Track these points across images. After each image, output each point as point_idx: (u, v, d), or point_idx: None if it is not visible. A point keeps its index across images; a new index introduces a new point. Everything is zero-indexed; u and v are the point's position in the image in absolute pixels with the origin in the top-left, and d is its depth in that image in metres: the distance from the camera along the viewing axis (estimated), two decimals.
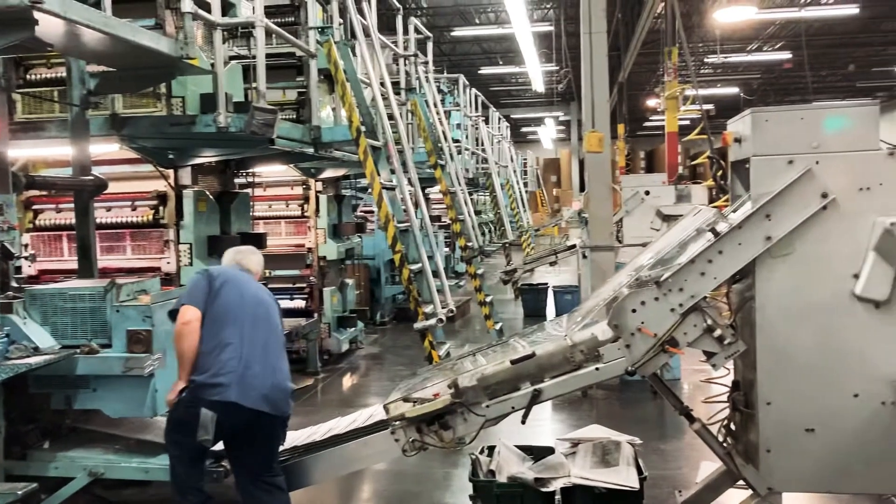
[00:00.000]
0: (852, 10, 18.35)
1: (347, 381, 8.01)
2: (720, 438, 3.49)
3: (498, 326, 8.26)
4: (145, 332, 4.15)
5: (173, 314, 3.81)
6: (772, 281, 3.15)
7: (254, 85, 5.03)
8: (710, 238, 3.23)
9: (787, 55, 22.92)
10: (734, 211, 3.72)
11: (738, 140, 3.46)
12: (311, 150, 6.06)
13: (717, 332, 3.17)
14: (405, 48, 8.60)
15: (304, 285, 8.08)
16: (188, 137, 4.97)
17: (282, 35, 5.54)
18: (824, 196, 3.07)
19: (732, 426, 3.58)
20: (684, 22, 20.08)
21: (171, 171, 5.69)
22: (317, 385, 7.61)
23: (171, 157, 5.59)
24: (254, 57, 5.06)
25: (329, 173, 8.26)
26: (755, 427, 3.22)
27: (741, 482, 3.35)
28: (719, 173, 3.90)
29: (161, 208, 5.78)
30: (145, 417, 4.45)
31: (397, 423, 3.47)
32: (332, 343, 8.26)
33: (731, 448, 3.42)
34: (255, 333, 3.78)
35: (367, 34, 6.69)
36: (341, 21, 6.28)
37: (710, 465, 4.00)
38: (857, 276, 3.06)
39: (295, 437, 4.25)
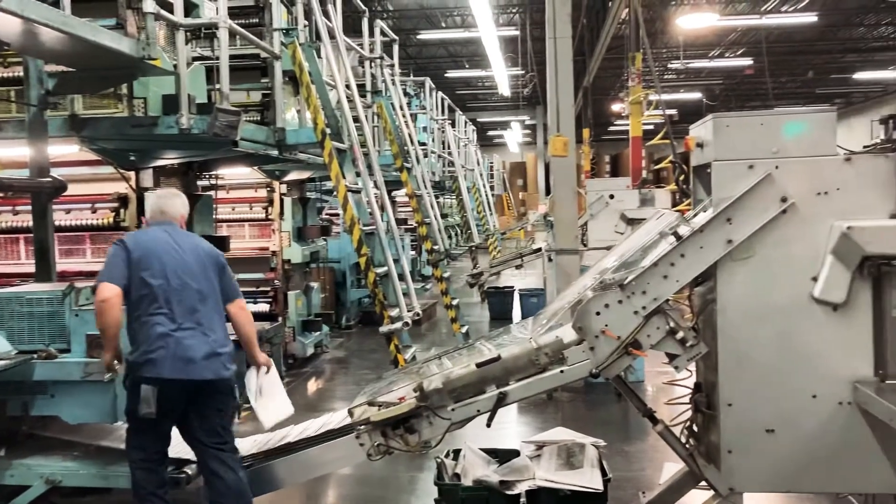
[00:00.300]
0: (811, 18, 18.72)
1: (312, 385, 7.95)
2: (683, 440, 3.53)
3: (464, 330, 8.27)
4: None
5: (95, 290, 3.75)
6: (733, 284, 3.19)
7: (217, 86, 4.98)
8: (672, 242, 3.26)
9: (748, 61, 23.31)
10: (696, 215, 3.76)
11: (699, 145, 3.50)
12: (275, 153, 6.02)
13: (680, 335, 3.19)
14: (371, 51, 8.59)
15: (269, 289, 8.01)
16: (150, 139, 4.91)
17: (245, 36, 5.49)
18: (784, 200, 3.11)
19: (695, 427, 3.62)
20: (648, 28, 20.34)
21: (132, 174, 5.61)
22: None
23: (132, 158, 5.51)
24: (217, 58, 5.01)
25: (294, 176, 8.21)
26: (717, 428, 3.26)
27: (704, 483, 3.39)
28: (682, 178, 3.93)
29: (122, 211, 5.70)
30: (105, 423, 4.37)
31: (362, 427, 3.45)
32: (296, 347, 8.20)
33: (693, 449, 3.46)
34: (182, 301, 3.75)
35: (332, 36, 6.67)
36: (306, 23, 6.25)
37: (673, 467, 4.03)
38: (815, 279, 3.11)
39: (259, 442, 4.21)
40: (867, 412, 3.04)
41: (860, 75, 26.39)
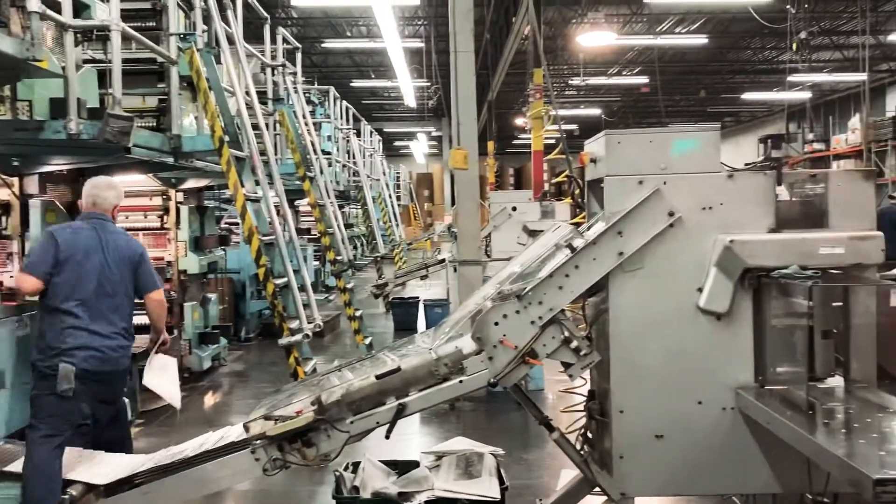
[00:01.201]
0: (702, 40, 19.64)
1: (209, 399, 7.73)
2: (578, 447, 3.62)
3: (368, 341, 8.23)
4: None
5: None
6: (624, 294, 3.29)
7: (109, 90, 4.80)
8: (567, 253, 3.34)
9: (644, 80, 24.21)
10: (590, 228, 3.87)
11: (593, 160, 3.60)
12: (171, 160, 5.85)
13: (574, 344, 3.26)
14: (273, 58, 8.47)
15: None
16: (35, 144, 4.67)
17: (140, 40, 5.31)
18: (671, 214, 3.24)
19: (589, 434, 3.71)
20: (549, 45, 20.91)
21: (14, 179, 5.33)
22: None
23: (15, 163, 5.23)
24: (110, 61, 4.83)
25: (191, 183, 7.99)
26: (609, 435, 3.35)
27: (598, 489, 3.48)
28: (577, 191, 4.04)
29: (4, 218, 5.40)
30: None
31: (258, 441, 3.38)
32: (192, 361, 7.95)
33: (587, 456, 3.55)
34: (98, 301, 4.13)
35: (231, 42, 6.55)
36: (205, 28, 6.11)
37: (569, 473, 4.13)
38: (700, 290, 3.24)
39: (150, 459, 4.05)
40: (748, 417, 3.19)
41: (748, 95, 27.83)
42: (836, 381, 3.22)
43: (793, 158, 25.03)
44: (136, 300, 4.47)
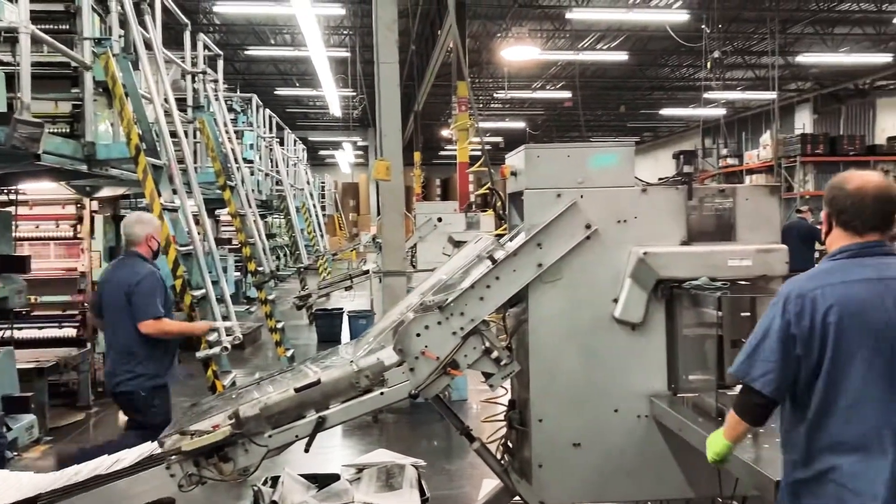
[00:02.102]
0: (622, 56, 20.18)
1: (124, 414, 7.47)
2: (499, 456, 3.65)
3: (289, 353, 8.12)
4: None
5: None
6: (543, 305, 3.35)
7: (18, 94, 4.62)
8: (488, 265, 3.38)
9: (567, 94, 24.70)
10: (511, 239, 3.92)
11: (514, 173, 3.66)
12: (84, 168, 5.65)
13: (495, 354, 3.30)
14: (193, 64, 8.30)
15: (76, 312, 7.48)
16: None
17: (51, 44, 5.14)
18: (588, 227, 3.31)
19: (510, 444, 3.75)
20: (475, 58, 21.14)
21: None
22: (88, 420, 7.05)
23: None
24: (18, 64, 4.65)
25: (107, 192, 7.74)
26: (528, 444, 3.40)
27: (518, 497, 3.51)
28: (499, 204, 4.10)
29: None
30: None
31: (173, 457, 3.29)
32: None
33: (508, 465, 3.58)
34: (109, 334, 4.77)
35: (149, 48, 6.38)
36: (122, 33, 5.95)
37: (490, 483, 4.16)
38: (616, 301, 3.33)
39: (58, 478, 3.89)
40: (661, 424, 3.28)
41: (665, 111, 28.71)
42: None
43: (705, 173, 25.98)
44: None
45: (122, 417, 7.34)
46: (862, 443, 2.19)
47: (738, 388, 3.33)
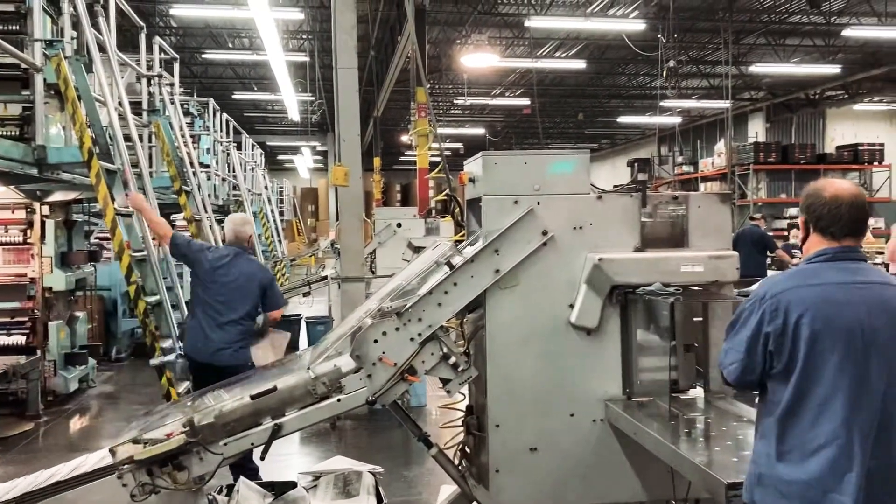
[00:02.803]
0: (580, 64, 20.40)
1: (76, 423, 7.33)
2: (456, 462, 3.65)
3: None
4: None
5: None
6: (500, 311, 3.37)
7: None
8: (446, 271, 3.39)
9: (526, 101, 24.88)
10: (469, 245, 3.94)
11: (472, 180, 3.68)
12: (35, 172, 5.54)
13: (453, 360, 3.30)
14: (149, 67, 8.18)
15: (26, 319, 7.31)
16: None
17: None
18: (545, 234, 3.34)
19: (467, 449, 3.76)
20: (434, 64, 21.19)
21: None
22: (38, 430, 6.88)
23: None
24: None
25: (58, 196, 7.58)
26: (486, 449, 3.41)
27: (476, 503, 3.52)
28: (457, 210, 4.12)
29: None
30: None
31: (125, 466, 3.23)
32: (57, 382, 7.52)
33: (465, 471, 3.59)
34: (225, 311, 5.07)
35: (103, 50, 6.28)
36: (74, 35, 5.84)
37: (448, 489, 4.17)
38: (572, 306, 3.36)
39: (7, 489, 3.80)
40: (616, 428, 3.32)
41: (622, 119, 29.10)
42: (697, 393, 3.42)
43: (661, 180, 26.39)
44: None
45: (74, 427, 7.22)
46: (830, 443, 2.25)
47: (691, 391, 3.43)
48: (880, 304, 2.32)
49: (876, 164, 23.17)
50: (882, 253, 13.00)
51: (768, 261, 11.37)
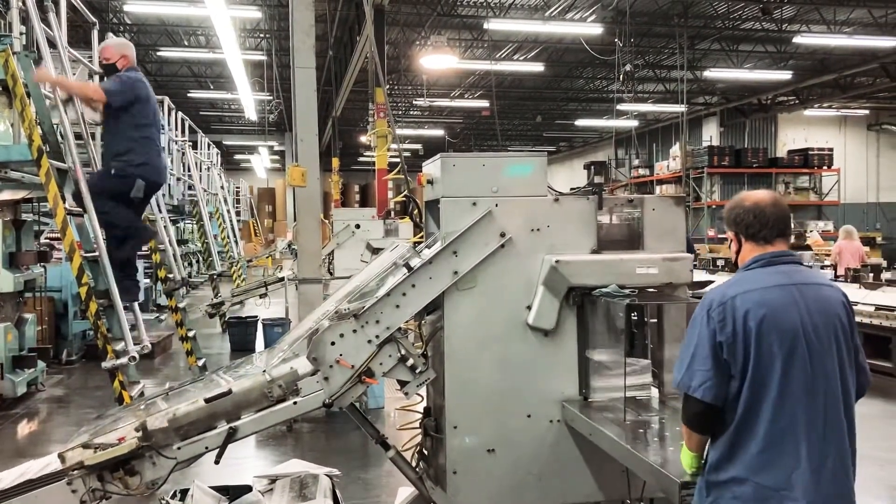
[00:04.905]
0: (538, 67, 20.54)
1: (23, 428, 7.14)
2: (414, 464, 3.65)
3: (201, 363, 7.92)
4: None
5: None
6: (458, 312, 3.38)
7: None
8: (405, 272, 3.39)
9: (485, 104, 24.96)
10: (428, 247, 3.93)
11: (430, 181, 3.68)
12: None
13: (410, 362, 3.30)
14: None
15: None
16: None
17: None
18: (502, 235, 3.36)
19: (425, 451, 3.76)
20: (394, 65, 21.16)
21: None
22: None
23: None
24: None
25: (6, 195, 7.38)
26: (443, 450, 3.41)
27: None
28: (415, 211, 4.11)
29: None
30: None
31: (75, 472, 3.16)
32: (4, 386, 7.32)
33: (422, 472, 3.59)
34: None
35: (54, 46, 6.13)
36: (23, 30, 5.70)
37: (406, 491, 4.16)
38: (529, 308, 3.38)
39: None
40: (573, 428, 3.35)
41: (580, 122, 29.37)
42: (652, 393, 3.47)
43: (617, 183, 26.71)
44: None
45: (22, 432, 7.03)
46: (780, 444, 2.30)
47: (646, 392, 3.46)
48: (818, 303, 2.40)
49: (826, 167, 23.82)
50: (829, 255, 13.34)
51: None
